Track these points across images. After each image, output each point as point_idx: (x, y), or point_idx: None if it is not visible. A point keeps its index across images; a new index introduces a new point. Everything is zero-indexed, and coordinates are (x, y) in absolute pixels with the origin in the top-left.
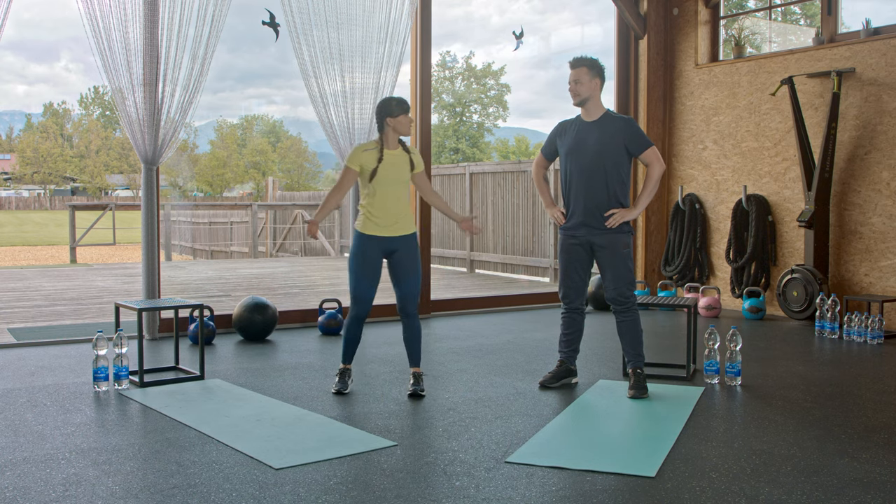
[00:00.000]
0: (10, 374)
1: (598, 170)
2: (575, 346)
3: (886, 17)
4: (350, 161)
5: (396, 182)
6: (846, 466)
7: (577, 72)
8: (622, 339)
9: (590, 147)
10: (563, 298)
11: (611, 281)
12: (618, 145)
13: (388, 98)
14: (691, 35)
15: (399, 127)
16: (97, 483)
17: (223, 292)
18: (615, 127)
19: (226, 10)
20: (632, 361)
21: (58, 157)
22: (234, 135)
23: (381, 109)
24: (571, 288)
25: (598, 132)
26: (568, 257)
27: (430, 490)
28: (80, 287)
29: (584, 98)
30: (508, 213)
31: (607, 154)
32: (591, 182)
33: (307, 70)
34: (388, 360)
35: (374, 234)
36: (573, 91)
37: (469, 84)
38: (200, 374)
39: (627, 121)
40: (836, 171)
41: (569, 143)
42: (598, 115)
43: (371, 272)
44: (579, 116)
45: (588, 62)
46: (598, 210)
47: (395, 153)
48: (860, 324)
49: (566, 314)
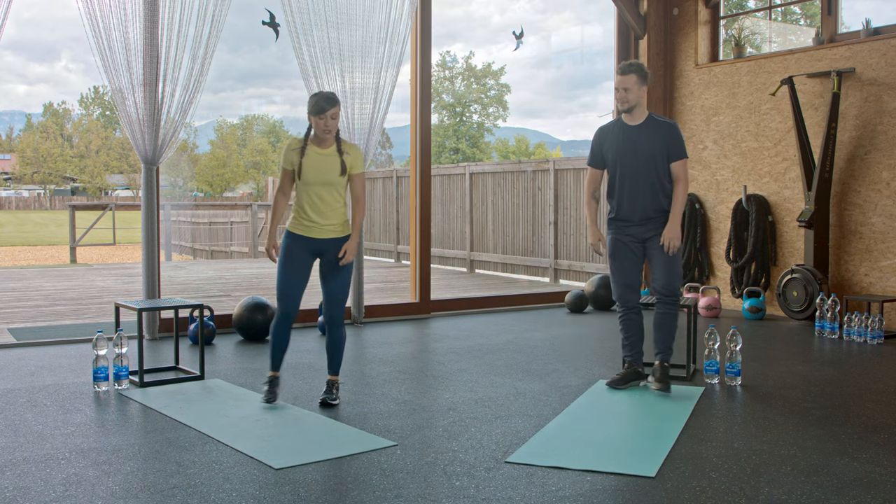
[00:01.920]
0: (10, 374)
1: (650, 170)
2: (639, 348)
3: (886, 17)
4: (281, 159)
5: (320, 183)
6: (846, 466)
7: (626, 79)
8: (658, 330)
9: (640, 149)
10: (618, 299)
11: (662, 274)
12: (663, 148)
13: (314, 94)
14: (691, 35)
15: (315, 127)
16: (97, 483)
17: (223, 292)
18: (662, 130)
19: (226, 10)
20: (661, 353)
21: (58, 157)
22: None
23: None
24: (627, 286)
25: (646, 134)
26: (621, 257)
27: (430, 490)
28: (80, 287)
29: (633, 105)
30: (508, 213)
31: (657, 156)
32: (642, 183)
33: (307, 70)
34: (388, 360)
35: (300, 234)
36: (622, 98)
37: (469, 84)
38: (200, 374)
39: (672, 125)
40: (836, 171)
41: (617, 147)
42: (643, 118)
43: (297, 270)
44: (621, 120)
45: (637, 69)
46: (651, 209)
47: (323, 151)
48: (860, 324)
49: (624, 316)
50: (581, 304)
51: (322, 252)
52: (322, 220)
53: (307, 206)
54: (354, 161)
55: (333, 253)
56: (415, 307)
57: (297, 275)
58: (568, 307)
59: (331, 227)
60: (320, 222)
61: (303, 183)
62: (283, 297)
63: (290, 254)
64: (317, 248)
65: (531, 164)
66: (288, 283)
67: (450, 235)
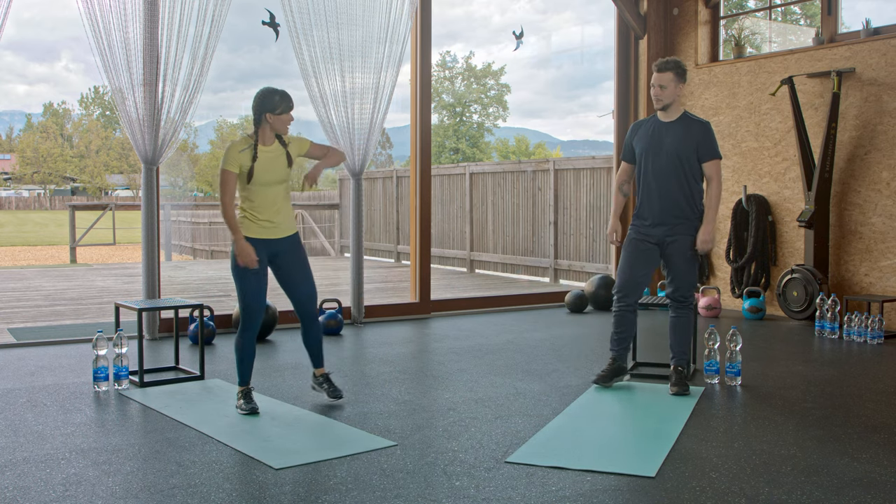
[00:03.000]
0: (10, 374)
1: (676, 170)
2: (626, 345)
3: (886, 18)
4: (227, 164)
5: (275, 182)
6: (846, 466)
7: (663, 76)
8: (673, 335)
9: (667, 147)
10: (617, 293)
11: (677, 279)
12: (693, 147)
13: (271, 91)
14: (691, 35)
15: (278, 125)
16: (97, 483)
17: (223, 292)
18: (693, 129)
19: (226, 10)
20: (676, 358)
21: (58, 157)
22: (234, 135)
23: (262, 103)
24: (630, 283)
25: (676, 133)
26: (635, 252)
27: (430, 490)
28: (80, 287)
29: (668, 104)
30: (508, 213)
31: (685, 155)
32: (668, 182)
33: (307, 70)
34: (388, 360)
35: (257, 237)
36: (658, 96)
37: (469, 84)
38: (200, 374)
39: (705, 125)
40: (836, 171)
41: (645, 142)
42: (677, 115)
43: (263, 278)
44: (655, 116)
45: (674, 66)
46: (673, 209)
47: (270, 149)
48: (860, 324)
49: (619, 311)
50: (581, 304)
51: (278, 252)
52: (279, 218)
53: (264, 208)
54: (299, 143)
55: (291, 251)
56: (415, 307)
57: (263, 282)
58: (568, 307)
59: (286, 224)
60: (277, 221)
61: (259, 185)
62: (254, 309)
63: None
64: (274, 250)
65: (531, 164)
66: (259, 293)
67: (450, 235)
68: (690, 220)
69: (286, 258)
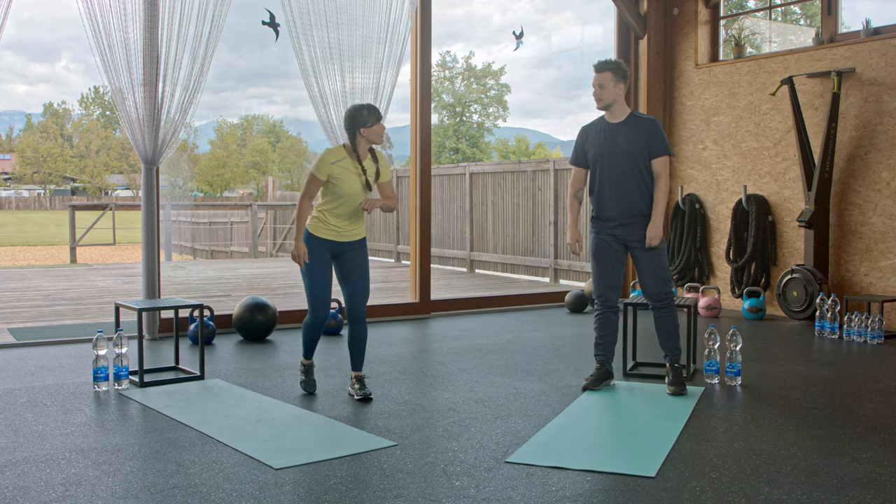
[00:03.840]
0: (10, 374)
1: (632, 170)
2: (611, 349)
3: (886, 18)
4: (318, 171)
5: (362, 193)
6: (846, 466)
7: (601, 76)
8: (660, 335)
9: (621, 148)
10: (599, 297)
11: (650, 278)
12: (645, 145)
13: (359, 106)
14: (691, 35)
15: (373, 136)
16: (97, 483)
17: (223, 292)
18: (644, 127)
19: (226, 10)
20: (669, 356)
21: (58, 157)
22: (234, 135)
23: (353, 119)
24: (609, 286)
25: (627, 132)
26: (604, 255)
27: (430, 490)
28: (80, 287)
29: (608, 103)
30: (508, 213)
31: (639, 153)
32: (624, 182)
33: (307, 70)
34: (388, 360)
35: (326, 238)
36: (597, 96)
37: (469, 84)
38: (200, 374)
39: (654, 122)
40: (836, 171)
41: (598, 146)
42: (624, 115)
43: (326, 274)
44: (603, 118)
45: (612, 66)
46: (633, 209)
47: (366, 164)
48: (860, 324)
49: (602, 314)
50: (581, 304)
51: (342, 252)
52: (353, 226)
53: (341, 216)
54: (386, 168)
55: (356, 251)
56: (415, 307)
57: (327, 278)
58: (568, 307)
59: (354, 231)
60: (350, 228)
61: (347, 195)
62: (316, 302)
63: (318, 258)
64: (338, 250)
65: (531, 164)
66: (321, 287)
67: (450, 235)
68: (649, 217)
69: (346, 258)
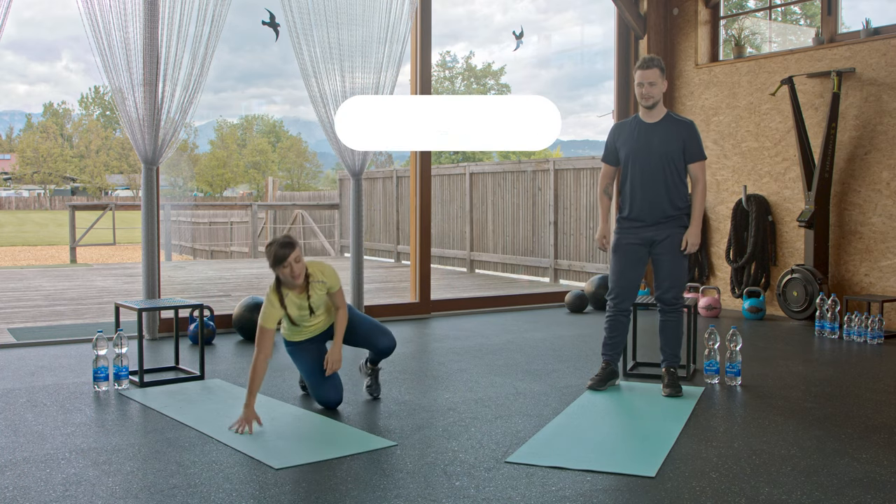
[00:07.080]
0: (10, 374)
1: (664, 171)
2: (619, 350)
3: (886, 18)
4: (265, 321)
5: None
6: (846, 466)
7: (650, 73)
8: (663, 337)
9: (655, 148)
10: (613, 299)
11: (667, 281)
12: (679, 147)
13: (268, 245)
14: (691, 35)
15: (283, 280)
16: (97, 483)
17: (223, 292)
18: (680, 129)
19: (226, 10)
20: (667, 360)
21: (58, 157)
22: (234, 135)
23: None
24: (626, 287)
25: (662, 133)
26: (625, 256)
27: (430, 490)
28: (80, 287)
29: (657, 100)
30: (508, 213)
31: (672, 155)
32: (655, 183)
33: (307, 70)
34: (388, 360)
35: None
36: (647, 94)
37: (469, 84)
38: (200, 374)
39: (690, 124)
40: (836, 171)
41: (631, 145)
42: (661, 115)
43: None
44: (637, 117)
45: (659, 63)
46: (662, 211)
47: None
48: (860, 324)
49: (613, 316)
50: (581, 304)
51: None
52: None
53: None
54: (328, 285)
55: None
56: (415, 307)
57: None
58: (568, 307)
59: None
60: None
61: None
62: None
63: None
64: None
65: (531, 164)
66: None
67: (450, 235)
68: (677, 219)
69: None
